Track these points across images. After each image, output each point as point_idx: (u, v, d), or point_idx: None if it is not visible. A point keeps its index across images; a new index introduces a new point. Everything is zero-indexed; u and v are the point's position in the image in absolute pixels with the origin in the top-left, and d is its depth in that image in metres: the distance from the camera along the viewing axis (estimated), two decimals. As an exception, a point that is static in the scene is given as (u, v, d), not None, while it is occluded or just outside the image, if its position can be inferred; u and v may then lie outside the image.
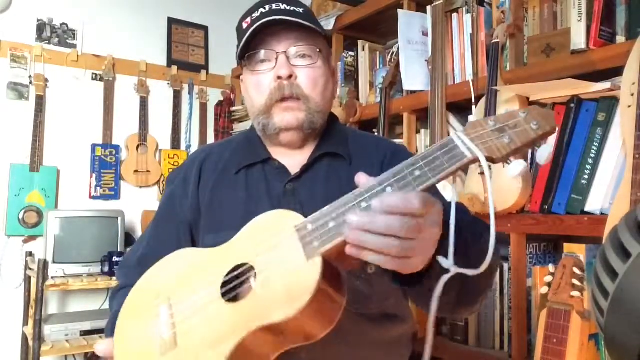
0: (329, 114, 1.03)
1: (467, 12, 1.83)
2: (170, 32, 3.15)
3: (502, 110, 1.56)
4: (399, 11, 2.01)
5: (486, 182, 0.63)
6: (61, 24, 2.81)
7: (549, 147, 0.63)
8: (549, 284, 1.23)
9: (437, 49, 1.86)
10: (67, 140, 2.78)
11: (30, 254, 2.59)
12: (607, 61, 1.36)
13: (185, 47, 3.20)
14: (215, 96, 3.28)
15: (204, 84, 3.25)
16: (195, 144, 3.20)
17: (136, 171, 2.94)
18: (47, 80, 2.74)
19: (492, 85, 1.60)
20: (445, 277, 0.63)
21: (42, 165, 2.67)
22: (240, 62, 1.01)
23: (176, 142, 3.10)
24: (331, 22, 2.39)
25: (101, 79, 2.89)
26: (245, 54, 0.97)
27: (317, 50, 0.96)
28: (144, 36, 3.05)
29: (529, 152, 1.54)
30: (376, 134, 2.05)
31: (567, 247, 1.33)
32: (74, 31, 2.84)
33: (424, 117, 1.97)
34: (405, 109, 2.01)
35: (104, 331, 0.98)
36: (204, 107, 3.24)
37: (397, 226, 0.59)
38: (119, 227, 2.59)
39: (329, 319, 0.67)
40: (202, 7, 3.26)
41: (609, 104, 1.36)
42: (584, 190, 1.37)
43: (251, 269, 0.71)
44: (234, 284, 0.73)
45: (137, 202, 2.92)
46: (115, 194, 2.89)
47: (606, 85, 1.35)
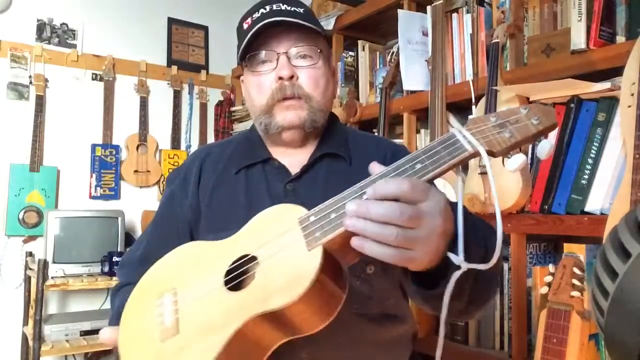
0: (329, 114, 1.03)
1: (467, 12, 1.83)
2: (170, 32, 3.15)
3: (502, 110, 1.56)
4: (399, 11, 2.01)
5: (487, 182, 0.64)
6: (61, 24, 2.81)
7: (550, 142, 0.63)
8: (549, 284, 1.23)
9: (437, 49, 1.86)
10: (67, 140, 2.78)
11: (30, 254, 2.59)
12: (607, 61, 1.36)
13: (185, 47, 3.20)
14: (215, 96, 3.28)
15: (204, 84, 3.25)
16: (195, 144, 3.20)
17: (136, 171, 2.94)
18: (47, 80, 2.74)
19: (492, 85, 1.60)
20: (456, 274, 0.63)
21: (42, 165, 2.67)
22: (240, 63, 1.01)
23: (176, 142, 3.10)
24: (331, 22, 2.39)
25: (101, 79, 2.89)
26: (246, 54, 0.97)
27: (318, 50, 0.96)
28: (144, 36, 3.05)
29: (529, 150, 1.54)
30: (376, 134, 2.05)
31: (567, 247, 1.33)
32: (74, 31, 2.84)
33: (424, 117, 1.97)
34: (405, 109, 2.01)
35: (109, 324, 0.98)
36: (204, 107, 3.24)
37: (393, 212, 0.59)
38: (119, 227, 2.59)
39: (327, 310, 0.67)
40: (202, 7, 3.27)
41: (609, 104, 1.36)
42: (584, 190, 1.37)
43: (254, 260, 0.72)
44: (237, 274, 0.74)
45: (137, 202, 2.92)
46: (115, 194, 2.89)
47: (606, 85, 1.35)
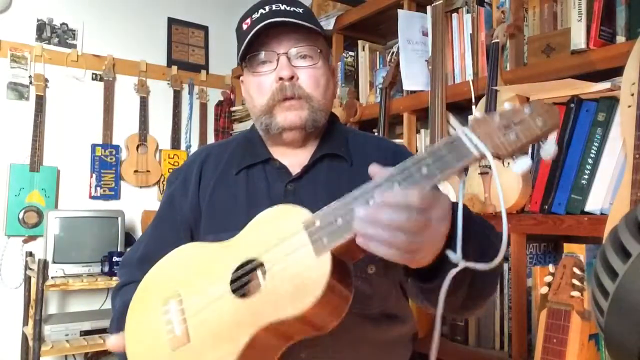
0: (329, 114, 1.03)
1: (467, 12, 1.83)
2: (170, 32, 3.15)
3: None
4: (399, 11, 2.01)
5: (487, 182, 0.63)
6: (61, 24, 2.81)
7: (555, 144, 0.62)
8: (549, 284, 1.23)
9: (437, 49, 1.86)
10: (67, 140, 2.78)
11: (30, 254, 2.59)
12: (607, 61, 1.36)
13: (185, 47, 3.20)
14: (215, 96, 3.28)
15: (204, 84, 3.25)
16: (195, 144, 3.20)
17: (136, 171, 2.94)
18: (47, 80, 2.74)
19: (492, 85, 1.60)
20: (453, 271, 0.64)
21: (42, 165, 2.67)
22: (240, 64, 1.01)
23: (176, 142, 3.10)
24: (331, 22, 2.39)
25: (101, 79, 2.89)
26: (245, 55, 0.97)
27: (318, 50, 0.96)
28: (144, 36, 3.05)
29: (529, 149, 1.54)
30: (376, 134, 2.05)
31: (567, 247, 1.33)
32: (74, 31, 2.84)
33: (424, 117, 1.97)
34: (405, 109, 2.01)
35: (108, 329, 0.98)
36: (204, 107, 3.24)
37: (402, 220, 0.60)
38: (119, 227, 2.59)
39: (338, 312, 0.68)
40: (202, 7, 3.27)
41: (609, 104, 1.36)
42: (584, 190, 1.37)
43: (260, 265, 0.72)
44: (244, 280, 0.73)
45: (137, 202, 2.92)
46: (115, 194, 2.89)
47: (606, 85, 1.35)
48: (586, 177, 1.37)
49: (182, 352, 0.73)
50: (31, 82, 2.68)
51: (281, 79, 0.93)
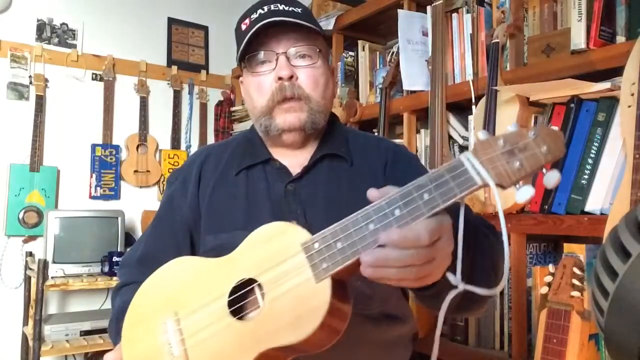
0: (329, 114, 1.03)
1: (467, 12, 1.83)
2: (170, 32, 3.15)
3: (503, 110, 1.56)
4: (399, 11, 2.01)
5: (498, 207, 0.62)
6: (61, 24, 2.81)
7: (558, 173, 0.61)
8: (549, 284, 1.23)
9: (437, 49, 1.86)
10: (67, 140, 2.78)
11: (30, 254, 2.59)
12: (607, 61, 1.36)
13: (185, 47, 3.20)
14: (215, 96, 3.28)
15: (204, 84, 3.25)
16: (195, 144, 3.20)
17: (136, 171, 2.94)
18: (47, 80, 2.74)
19: (492, 85, 1.60)
20: (452, 293, 0.64)
21: (42, 165, 2.67)
22: (239, 64, 1.01)
23: (176, 142, 3.10)
24: (331, 22, 2.39)
25: (101, 79, 2.89)
26: (245, 55, 0.97)
27: (317, 50, 0.96)
28: (144, 36, 3.05)
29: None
30: (376, 134, 2.05)
31: (567, 247, 1.32)
32: (74, 31, 2.84)
33: (424, 117, 1.97)
34: (405, 109, 2.01)
35: (107, 329, 0.98)
36: (204, 107, 3.24)
37: (411, 258, 0.60)
38: (119, 227, 2.59)
39: (337, 330, 0.68)
40: (202, 7, 3.27)
41: (609, 104, 1.36)
42: (584, 190, 1.37)
43: (258, 286, 0.72)
44: (241, 301, 0.73)
45: (137, 202, 2.92)
46: (115, 194, 2.89)
47: (606, 85, 1.34)
48: (586, 177, 1.37)
49: None
50: (31, 82, 2.68)
51: (280, 78, 0.93)
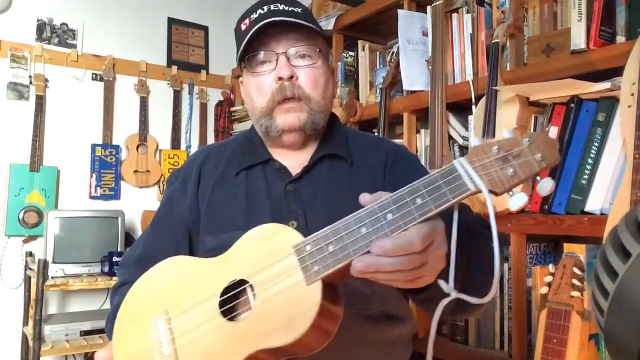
0: (329, 114, 1.03)
1: (467, 12, 1.83)
2: (170, 32, 3.15)
3: (503, 110, 1.56)
4: (399, 11, 2.01)
5: (490, 213, 0.61)
6: (61, 24, 2.81)
7: (551, 180, 0.61)
8: (549, 284, 1.23)
9: (437, 49, 1.86)
10: (67, 140, 2.78)
11: (30, 254, 2.59)
12: (607, 61, 1.36)
13: (185, 47, 3.20)
14: (215, 96, 3.28)
15: (204, 84, 3.25)
16: (195, 144, 3.20)
17: (136, 171, 2.94)
18: (47, 80, 2.74)
19: (492, 85, 1.60)
20: (444, 301, 0.64)
21: (42, 165, 2.67)
22: (239, 64, 1.01)
23: (176, 142, 3.10)
24: (331, 22, 2.39)
25: (101, 79, 2.89)
26: (244, 55, 0.96)
27: (317, 49, 0.96)
28: (144, 36, 3.05)
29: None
30: (376, 134, 2.05)
31: (567, 247, 1.32)
32: (74, 31, 2.84)
33: (424, 117, 1.97)
34: (405, 109, 2.01)
35: (105, 327, 0.99)
36: (204, 107, 3.24)
37: (402, 264, 0.61)
38: (119, 227, 2.59)
39: (328, 333, 0.68)
40: (202, 7, 3.27)
41: (609, 104, 1.36)
42: (584, 190, 1.37)
43: (249, 287, 0.72)
44: (233, 302, 0.73)
45: (137, 202, 2.92)
46: (115, 194, 2.89)
47: (606, 85, 1.34)
48: (586, 177, 1.37)
49: None
50: (31, 82, 2.68)
51: (280, 78, 0.93)
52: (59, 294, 2.69)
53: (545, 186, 0.60)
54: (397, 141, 1.85)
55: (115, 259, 2.38)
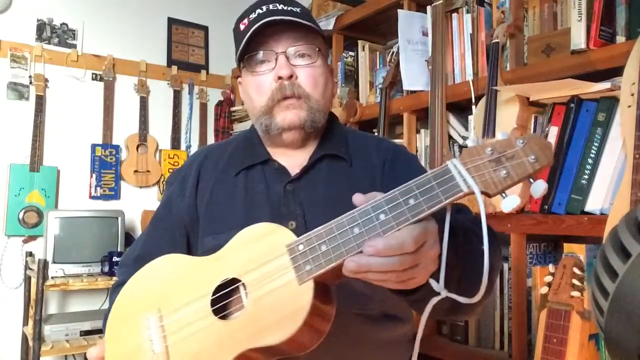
0: (328, 114, 1.03)
1: (467, 12, 1.83)
2: (170, 32, 3.15)
3: (503, 110, 1.56)
4: (399, 11, 2.01)
5: (481, 213, 0.62)
6: (61, 24, 2.81)
7: (544, 183, 0.61)
8: (549, 284, 1.23)
9: (437, 49, 1.86)
10: (67, 140, 2.78)
11: (30, 254, 2.59)
12: (607, 61, 1.36)
13: (185, 47, 3.20)
14: (215, 96, 3.28)
15: (204, 84, 3.25)
16: (195, 144, 3.20)
17: (136, 171, 2.94)
18: (47, 80, 2.74)
19: (492, 85, 1.60)
20: (434, 300, 0.65)
21: (42, 165, 2.68)
22: (238, 64, 1.01)
23: (176, 142, 3.10)
24: (331, 22, 2.39)
25: (101, 79, 2.89)
26: (244, 55, 0.96)
27: (316, 49, 0.96)
28: (144, 36, 3.05)
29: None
30: (376, 134, 2.05)
31: (567, 247, 1.32)
32: (74, 31, 2.84)
33: (424, 117, 1.97)
34: (405, 109, 2.01)
35: (102, 326, 0.99)
36: (204, 107, 3.24)
37: (394, 265, 0.61)
38: (119, 227, 2.59)
39: (320, 332, 0.69)
40: (202, 7, 3.27)
41: (609, 104, 1.36)
42: (584, 190, 1.37)
43: (242, 285, 0.72)
44: (225, 300, 0.73)
45: (137, 202, 2.92)
46: (115, 194, 2.89)
47: (606, 85, 1.34)
48: (586, 177, 1.37)
49: None
50: (31, 82, 2.68)
51: (280, 78, 0.93)
52: (59, 294, 2.69)
53: (538, 188, 0.60)
54: (397, 141, 1.85)
55: (115, 259, 2.38)
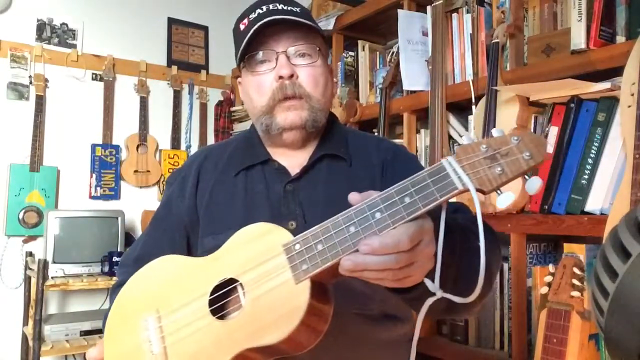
0: (329, 114, 1.03)
1: (467, 12, 1.83)
2: (170, 32, 3.15)
3: (503, 110, 1.56)
4: (399, 11, 2.01)
5: (477, 211, 0.62)
6: (61, 24, 2.81)
7: (539, 179, 0.61)
8: (549, 284, 1.23)
9: (437, 49, 1.86)
10: (67, 140, 2.78)
11: (30, 254, 2.59)
12: (607, 61, 1.36)
13: (185, 47, 3.20)
14: (215, 96, 3.28)
15: (204, 84, 3.25)
16: (195, 144, 3.20)
17: (136, 171, 2.94)
18: (47, 80, 2.74)
19: (492, 85, 1.60)
20: (430, 300, 0.65)
21: (42, 165, 2.68)
22: (238, 64, 1.01)
23: (176, 142, 3.10)
24: (331, 22, 2.39)
25: (101, 79, 2.89)
26: (244, 55, 0.96)
27: (317, 48, 0.96)
28: (144, 36, 3.05)
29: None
30: (376, 134, 2.05)
31: (567, 247, 1.32)
32: (74, 31, 2.84)
33: (424, 117, 1.97)
34: (405, 109, 2.01)
35: (102, 326, 0.99)
36: (204, 107, 3.24)
37: (390, 263, 0.61)
38: (119, 227, 2.59)
39: (318, 331, 0.69)
40: (202, 7, 3.27)
41: (609, 104, 1.36)
42: (584, 190, 1.37)
43: (239, 286, 0.72)
44: (223, 300, 0.74)
45: (137, 202, 2.92)
46: (115, 194, 2.89)
47: (606, 85, 1.34)
48: (586, 177, 1.37)
49: None
50: (31, 82, 2.68)
51: (281, 77, 0.92)
52: (59, 294, 2.69)
53: (533, 185, 0.60)
54: (397, 141, 1.85)
55: (115, 259, 2.38)
